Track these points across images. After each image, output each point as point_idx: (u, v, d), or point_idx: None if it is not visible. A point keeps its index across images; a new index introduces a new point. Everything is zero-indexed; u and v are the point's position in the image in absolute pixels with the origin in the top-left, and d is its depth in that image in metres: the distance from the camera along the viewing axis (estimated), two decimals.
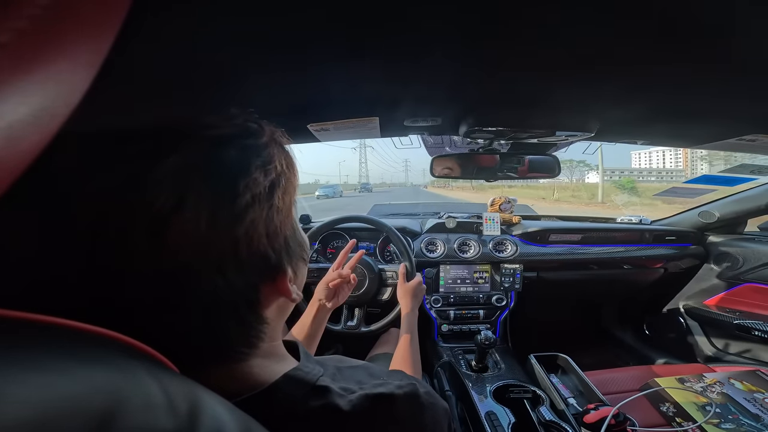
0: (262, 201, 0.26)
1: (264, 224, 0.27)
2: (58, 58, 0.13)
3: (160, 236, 0.23)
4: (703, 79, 0.55)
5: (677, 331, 1.53)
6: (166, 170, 0.23)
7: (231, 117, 0.29)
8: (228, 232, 0.25)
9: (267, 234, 0.27)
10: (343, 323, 1.08)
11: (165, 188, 0.23)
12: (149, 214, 0.22)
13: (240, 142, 0.27)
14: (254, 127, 0.29)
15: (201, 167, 0.24)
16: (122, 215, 0.22)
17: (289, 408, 0.29)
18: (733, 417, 0.81)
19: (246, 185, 0.25)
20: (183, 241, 0.23)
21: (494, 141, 0.97)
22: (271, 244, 0.28)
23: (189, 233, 0.23)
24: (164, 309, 0.24)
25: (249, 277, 0.27)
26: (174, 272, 0.23)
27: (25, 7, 0.11)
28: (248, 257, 0.26)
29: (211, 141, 0.26)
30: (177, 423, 0.17)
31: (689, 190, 1.64)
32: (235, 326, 0.28)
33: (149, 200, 0.22)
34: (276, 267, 0.29)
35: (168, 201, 0.23)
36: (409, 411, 0.34)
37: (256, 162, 0.27)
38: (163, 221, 0.23)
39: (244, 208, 0.25)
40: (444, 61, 0.51)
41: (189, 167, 0.24)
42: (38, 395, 0.13)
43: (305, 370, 0.33)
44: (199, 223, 0.23)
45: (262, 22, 0.38)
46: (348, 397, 0.31)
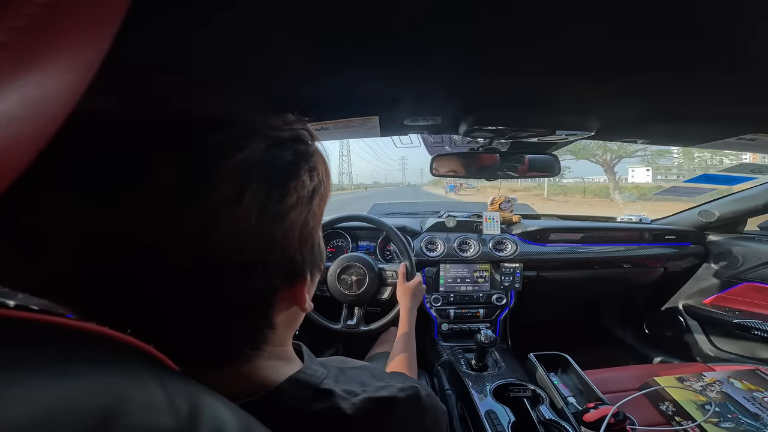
0: (304, 204, 0.27)
1: (300, 227, 0.28)
2: (57, 56, 0.13)
3: (211, 227, 0.23)
4: (703, 78, 0.55)
5: (677, 330, 1.53)
6: (234, 163, 0.24)
7: (290, 122, 0.30)
8: (270, 232, 0.25)
9: (300, 237, 0.28)
10: (342, 322, 1.08)
11: (230, 180, 0.23)
12: (208, 203, 0.23)
13: (294, 146, 0.28)
14: (306, 135, 0.30)
15: (262, 164, 0.25)
16: (184, 202, 0.23)
17: (293, 410, 0.30)
18: (733, 416, 0.81)
19: (294, 187, 0.26)
20: (230, 236, 0.24)
21: (494, 140, 0.97)
22: (300, 249, 0.29)
23: (238, 228, 0.24)
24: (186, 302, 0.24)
25: (271, 280, 0.28)
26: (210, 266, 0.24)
27: (24, 5, 0.11)
28: (279, 258, 0.27)
29: (274, 141, 0.27)
30: (177, 422, 0.17)
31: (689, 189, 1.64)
32: (242, 327, 0.28)
33: (213, 190, 0.23)
34: (299, 272, 0.30)
35: (229, 193, 0.23)
36: (411, 414, 0.34)
37: (305, 166, 0.28)
38: (219, 214, 0.23)
39: (288, 209, 0.26)
40: (445, 62, 0.51)
41: (253, 164, 0.25)
42: (38, 395, 0.13)
43: (309, 372, 0.33)
44: (249, 218, 0.24)
45: (262, 22, 0.38)
46: (351, 399, 0.31)
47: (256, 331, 0.29)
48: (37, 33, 0.12)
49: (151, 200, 0.22)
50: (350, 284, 1.07)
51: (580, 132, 0.82)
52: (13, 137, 0.12)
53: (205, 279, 0.24)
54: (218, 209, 0.23)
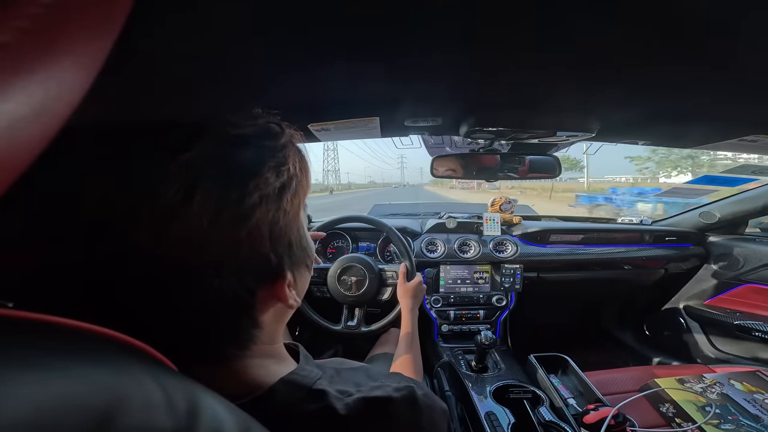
0: (270, 202, 0.26)
1: (269, 226, 0.27)
2: (60, 57, 0.13)
3: (163, 230, 0.22)
4: (704, 79, 0.55)
5: (677, 331, 1.53)
6: (180, 164, 0.23)
7: (254, 117, 0.29)
8: (231, 232, 0.24)
9: (270, 236, 0.27)
10: (343, 323, 1.08)
11: (176, 181, 0.23)
12: (156, 206, 0.22)
13: (258, 142, 0.27)
14: (275, 129, 0.29)
15: (214, 163, 0.24)
16: (128, 205, 0.22)
17: (285, 411, 0.30)
18: (733, 418, 0.80)
19: (256, 185, 0.25)
20: (184, 237, 0.23)
21: (495, 141, 0.97)
22: (274, 248, 0.28)
23: (191, 229, 0.23)
24: (155, 305, 0.24)
25: (246, 280, 0.27)
26: (171, 269, 0.23)
27: (27, 6, 0.11)
28: (248, 259, 0.26)
29: (230, 139, 0.26)
30: (176, 422, 0.17)
31: (690, 190, 1.64)
32: (225, 328, 0.28)
33: (158, 192, 0.22)
34: (276, 271, 0.29)
35: (177, 194, 0.23)
36: (406, 414, 0.34)
37: (269, 163, 0.27)
38: (169, 215, 0.23)
39: (250, 208, 0.25)
40: (445, 62, 0.51)
41: (202, 162, 0.24)
42: (37, 394, 0.13)
43: (302, 373, 0.33)
44: (202, 220, 0.23)
45: (262, 22, 0.38)
46: (345, 400, 0.31)
47: (240, 330, 0.29)
48: (40, 34, 0.12)
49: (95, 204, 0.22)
50: (350, 285, 1.06)
51: (580, 133, 0.82)
52: (15, 138, 0.12)
53: (171, 281, 0.24)
54: (167, 212, 0.23)
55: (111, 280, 0.23)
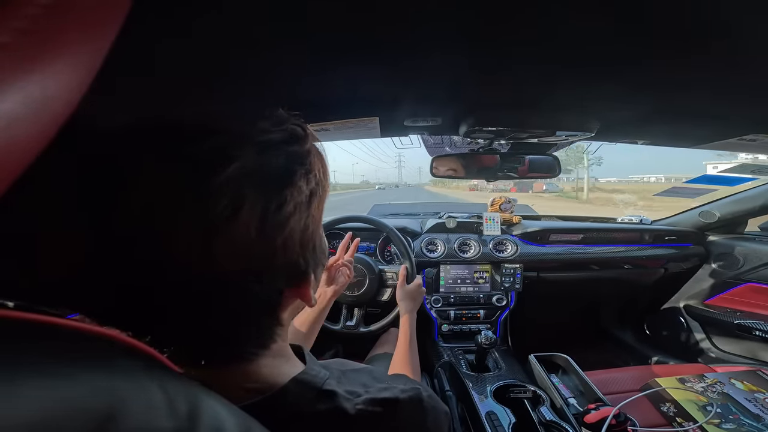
0: (302, 209, 0.27)
1: (300, 233, 0.27)
2: (58, 57, 0.13)
3: (208, 244, 0.22)
4: (703, 79, 0.55)
5: (678, 330, 1.53)
6: (226, 177, 0.22)
7: (281, 121, 0.28)
8: (271, 241, 0.25)
9: (301, 242, 0.27)
10: (342, 323, 1.08)
11: (222, 197, 0.22)
12: (202, 221, 0.22)
13: (287, 148, 0.27)
14: (300, 132, 0.28)
15: (255, 174, 0.24)
16: (171, 216, 0.22)
17: (297, 411, 0.30)
18: (734, 417, 0.80)
19: (291, 194, 0.25)
20: (231, 250, 0.23)
21: (494, 141, 0.97)
22: (303, 252, 0.28)
23: (239, 241, 0.23)
24: (192, 311, 0.24)
25: (279, 284, 0.28)
26: (211, 278, 0.23)
27: (25, 6, 0.11)
28: (283, 265, 0.27)
29: (264, 146, 0.25)
30: (177, 424, 0.17)
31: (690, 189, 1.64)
32: (250, 330, 0.28)
33: (205, 207, 0.22)
34: (303, 274, 0.30)
35: (225, 211, 0.22)
36: (413, 415, 0.34)
37: (300, 170, 0.26)
38: (214, 230, 0.22)
39: (287, 218, 0.25)
40: (444, 62, 0.51)
41: (246, 174, 0.23)
42: (38, 397, 0.13)
43: (312, 373, 0.33)
44: (249, 232, 0.23)
45: (262, 22, 0.38)
46: (354, 400, 0.32)
47: (265, 329, 0.30)
48: (38, 34, 0.12)
49: (140, 212, 0.21)
50: (350, 285, 1.06)
51: (580, 133, 0.82)
52: (14, 138, 0.12)
53: (208, 290, 0.24)
54: (215, 224, 0.22)
55: (150, 287, 0.22)
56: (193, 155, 0.22)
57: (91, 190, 0.21)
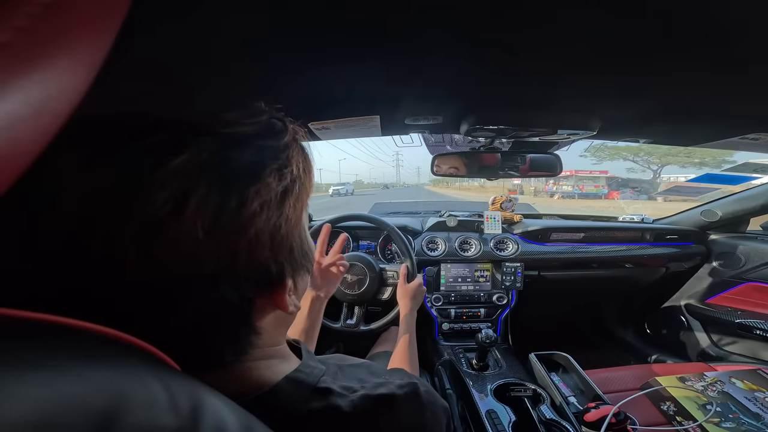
0: (272, 209, 0.24)
1: (269, 234, 0.25)
2: (59, 56, 0.13)
3: (151, 243, 0.21)
4: (705, 77, 0.55)
5: (678, 329, 1.53)
6: (171, 169, 0.21)
7: (255, 113, 0.26)
8: (227, 243, 0.23)
9: (272, 245, 0.25)
10: (342, 321, 1.08)
11: (165, 189, 0.21)
12: (142, 218, 0.20)
13: (258, 142, 0.25)
14: (278, 126, 0.27)
15: (209, 169, 0.22)
16: (112, 215, 0.20)
17: (291, 409, 0.29)
18: (734, 416, 0.80)
19: (256, 191, 0.23)
20: (175, 250, 0.21)
21: (495, 139, 0.97)
22: (275, 256, 0.26)
23: (183, 242, 0.21)
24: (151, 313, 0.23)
25: (244, 290, 0.25)
26: (160, 283, 0.22)
27: (25, 6, 0.11)
28: (246, 270, 0.24)
29: (228, 140, 0.23)
30: (179, 421, 0.17)
31: (692, 188, 1.64)
32: (222, 336, 0.26)
33: (146, 202, 0.20)
34: (276, 280, 0.27)
35: (166, 204, 0.20)
36: (410, 411, 0.34)
37: (271, 165, 0.24)
38: (157, 226, 0.20)
39: (250, 217, 0.23)
40: (445, 61, 0.50)
41: (197, 168, 0.22)
42: (41, 394, 0.14)
43: (306, 371, 0.33)
44: (195, 231, 0.21)
45: (263, 21, 0.38)
46: (349, 397, 0.31)
47: (238, 338, 0.27)
48: (39, 33, 0.12)
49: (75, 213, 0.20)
50: (351, 284, 1.07)
51: (582, 131, 0.81)
52: (15, 137, 0.12)
53: (163, 291, 0.22)
54: (155, 223, 0.20)
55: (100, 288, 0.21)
56: (136, 149, 0.21)
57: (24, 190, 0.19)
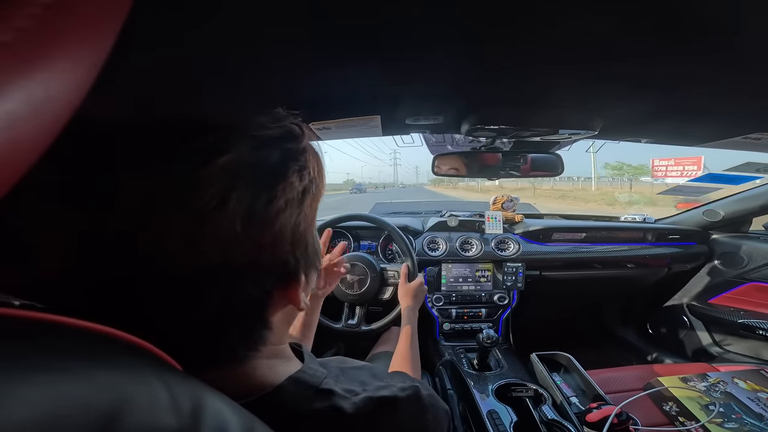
0: (294, 206, 0.26)
1: (291, 230, 0.27)
2: (60, 56, 0.13)
3: (194, 234, 0.22)
4: (707, 77, 0.54)
5: (681, 329, 1.53)
6: (216, 168, 0.23)
7: (279, 118, 0.28)
8: (258, 236, 0.25)
9: (292, 241, 0.27)
10: (343, 321, 1.08)
11: (211, 186, 0.23)
12: (189, 211, 0.22)
13: (283, 144, 0.27)
14: (297, 130, 0.29)
15: (246, 168, 0.24)
16: (166, 212, 0.22)
17: (293, 410, 0.30)
18: (737, 416, 0.80)
19: (282, 189, 0.25)
20: (215, 242, 0.23)
21: (496, 139, 0.97)
22: (293, 251, 0.28)
23: (223, 234, 0.23)
24: (175, 306, 0.24)
25: (265, 284, 0.27)
26: (197, 271, 0.23)
27: (26, 6, 0.11)
28: (270, 264, 0.26)
29: (260, 141, 0.26)
30: (181, 422, 0.17)
31: (694, 188, 1.63)
32: (238, 330, 0.28)
33: (195, 198, 0.22)
34: (292, 274, 0.29)
35: (212, 200, 0.22)
36: (412, 413, 0.34)
37: (294, 166, 0.27)
38: (201, 220, 0.22)
39: (276, 213, 0.25)
40: (446, 61, 0.50)
41: (237, 167, 0.24)
42: (44, 394, 0.14)
43: (309, 372, 0.33)
44: (234, 225, 0.23)
45: (263, 21, 0.38)
46: (351, 399, 0.31)
47: (252, 333, 0.29)
48: (40, 33, 0.12)
49: (133, 208, 0.22)
50: (352, 284, 1.07)
51: (583, 131, 0.81)
52: (16, 138, 0.12)
53: (194, 285, 0.24)
54: (202, 216, 0.22)
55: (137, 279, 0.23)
56: (188, 150, 0.23)
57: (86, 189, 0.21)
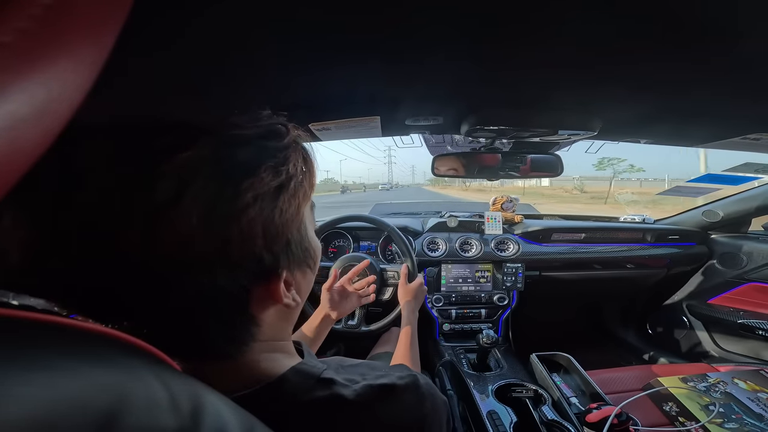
0: (266, 201, 0.26)
1: (262, 225, 0.26)
2: (60, 57, 0.13)
3: (152, 229, 0.23)
4: (706, 78, 0.55)
5: (680, 330, 1.53)
6: (174, 164, 0.23)
7: (258, 118, 0.29)
8: (221, 231, 0.24)
9: (265, 235, 0.27)
10: (343, 322, 1.08)
11: (167, 181, 0.23)
12: (147, 204, 0.22)
13: (259, 142, 0.27)
14: (279, 130, 0.29)
15: (209, 164, 0.24)
16: (120, 206, 0.22)
17: (295, 398, 0.31)
18: (737, 416, 0.80)
19: (250, 184, 0.25)
20: (173, 236, 0.23)
21: (496, 140, 0.97)
22: (269, 247, 0.27)
23: (183, 228, 0.23)
24: (151, 301, 0.24)
25: (239, 279, 0.27)
26: (163, 266, 0.23)
27: (27, 6, 0.11)
28: (240, 258, 0.26)
29: (229, 140, 0.26)
30: (180, 421, 0.17)
31: (693, 189, 1.64)
32: (220, 325, 0.28)
33: (149, 192, 0.22)
34: (270, 270, 0.29)
35: (165, 193, 0.23)
36: (411, 399, 0.35)
37: (268, 163, 0.26)
38: (157, 214, 0.23)
39: (243, 208, 0.25)
40: (446, 62, 0.50)
41: (197, 163, 0.24)
42: (43, 394, 0.14)
43: (311, 364, 0.34)
44: (190, 218, 0.23)
45: (264, 22, 0.38)
46: (352, 387, 0.32)
47: (235, 328, 0.29)
48: (41, 34, 0.12)
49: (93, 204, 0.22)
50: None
51: (582, 132, 0.81)
52: (17, 138, 0.12)
53: (159, 277, 0.24)
54: (156, 210, 0.23)
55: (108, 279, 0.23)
56: (151, 148, 0.24)
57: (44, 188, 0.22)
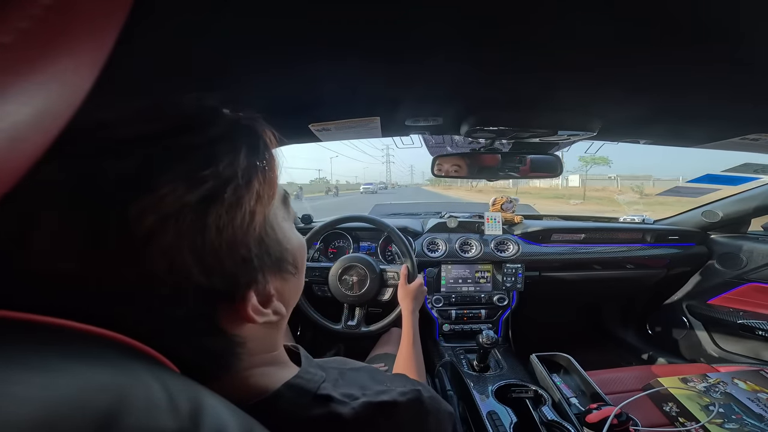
0: (184, 222, 0.20)
1: (191, 253, 0.21)
2: (60, 57, 0.13)
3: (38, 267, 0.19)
4: (705, 78, 0.55)
5: (680, 330, 1.53)
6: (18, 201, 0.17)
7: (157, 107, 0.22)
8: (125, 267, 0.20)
9: (200, 263, 0.21)
10: (343, 323, 1.08)
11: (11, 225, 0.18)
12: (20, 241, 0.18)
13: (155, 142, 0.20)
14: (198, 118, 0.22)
15: (66, 188, 0.18)
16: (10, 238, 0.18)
17: (290, 417, 0.29)
18: (737, 417, 0.80)
19: (142, 209, 0.19)
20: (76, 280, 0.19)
21: (496, 140, 0.97)
22: (211, 273, 0.22)
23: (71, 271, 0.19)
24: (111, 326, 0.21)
25: (190, 309, 0.22)
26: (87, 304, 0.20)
27: (27, 7, 0.11)
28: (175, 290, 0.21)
29: (104, 147, 0.19)
30: (179, 423, 0.17)
31: (692, 189, 1.64)
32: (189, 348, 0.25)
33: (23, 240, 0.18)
34: (229, 293, 0.24)
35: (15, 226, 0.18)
36: (413, 418, 0.33)
37: (177, 169, 0.20)
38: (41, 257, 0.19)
39: (145, 238, 0.19)
40: (445, 62, 0.51)
41: (49, 188, 0.18)
42: (42, 395, 0.14)
43: (306, 377, 0.32)
44: (68, 263, 0.18)
45: (264, 22, 0.38)
46: (350, 404, 0.30)
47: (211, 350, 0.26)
48: (41, 34, 0.12)
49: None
50: (351, 285, 1.06)
51: (582, 132, 0.81)
52: (17, 138, 0.12)
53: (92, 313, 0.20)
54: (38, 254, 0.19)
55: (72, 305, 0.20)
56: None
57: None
